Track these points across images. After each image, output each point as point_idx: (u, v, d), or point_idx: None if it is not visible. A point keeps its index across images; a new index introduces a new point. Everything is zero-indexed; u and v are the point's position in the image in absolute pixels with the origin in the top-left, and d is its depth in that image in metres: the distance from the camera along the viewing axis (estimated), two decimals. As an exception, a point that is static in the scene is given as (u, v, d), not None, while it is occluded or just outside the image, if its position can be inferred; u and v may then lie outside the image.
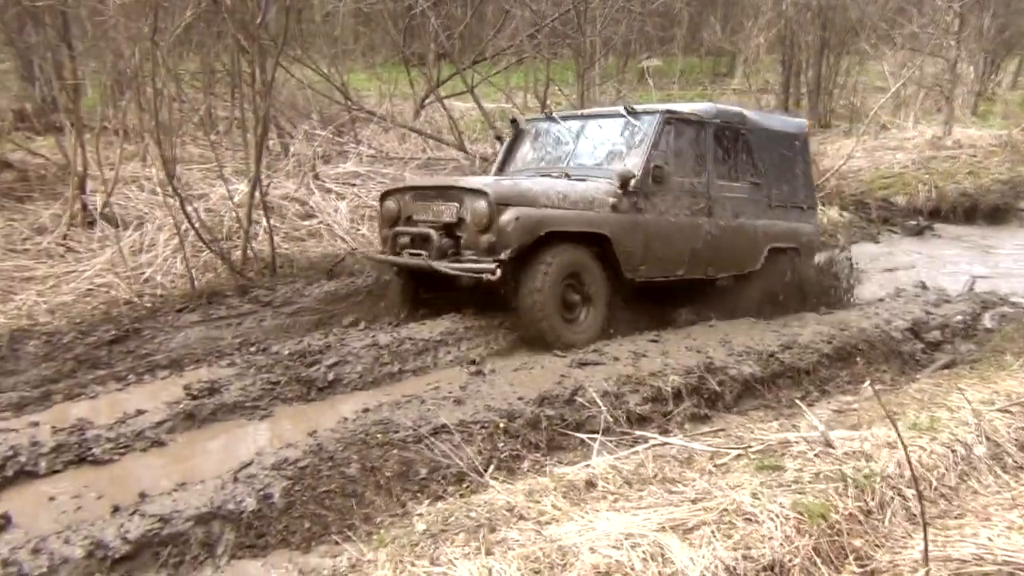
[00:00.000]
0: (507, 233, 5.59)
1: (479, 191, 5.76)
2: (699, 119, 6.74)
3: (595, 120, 6.98)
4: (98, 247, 7.27)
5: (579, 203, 5.95)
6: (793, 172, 7.58)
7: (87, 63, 9.29)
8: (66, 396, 4.99)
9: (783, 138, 7.51)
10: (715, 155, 6.84)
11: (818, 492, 3.33)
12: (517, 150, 7.46)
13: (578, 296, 5.99)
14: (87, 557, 3.18)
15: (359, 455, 3.93)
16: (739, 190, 7.04)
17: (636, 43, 17.13)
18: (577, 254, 5.90)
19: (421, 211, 6.23)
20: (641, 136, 6.45)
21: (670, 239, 6.44)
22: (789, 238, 7.45)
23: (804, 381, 5.60)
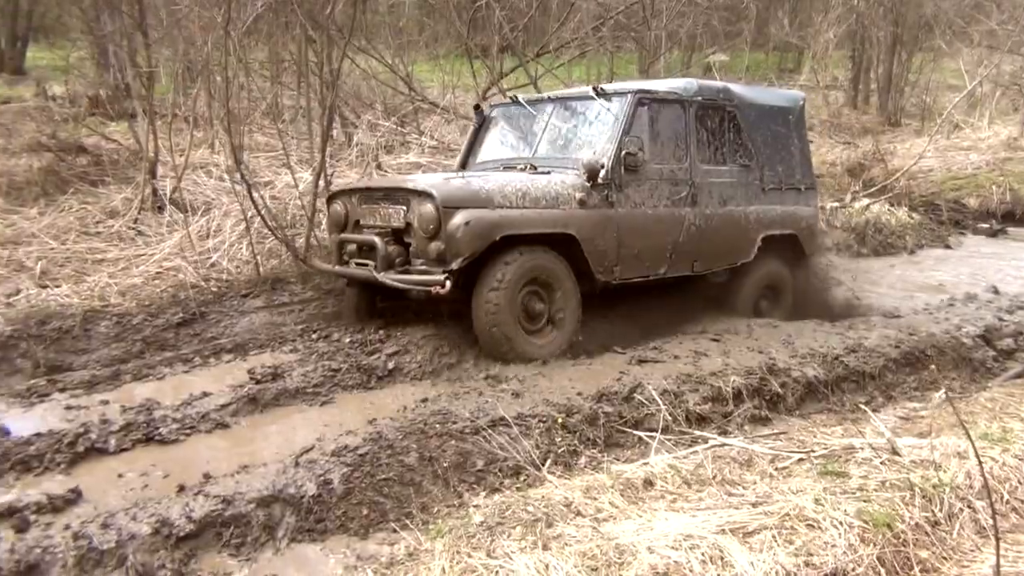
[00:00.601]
0: (456, 240, 5.02)
1: (425, 193, 5.19)
2: (677, 97, 6.10)
3: (563, 103, 6.32)
4: (167, 231, 7.44)
5: (541, 200, 5.39)
6: (788, 150, 6.89)
7: (161, 51, 9.50)
8: (135, 376, 5.13)
9: (776, 113, 6.84)
10: (698, 136, 6.19)
11: (884, 500, 3.25)
12: (482, 140, 6.82)
13: (543, 304, 5.44)
14: (153, 534, 3.26)
15: (417, 444, 3.96)
16: (727, 174, 6.41)
17: (702, 37, 16.90)
18: (541, 257, 5.34)
19: (369, 215, 5.70)
20: (612, 120, 5.82)
21: (648, 234, 5.87)
22: (786, 224, 6.78)
23: (869, 386, 5.46)
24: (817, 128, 15.62)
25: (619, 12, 12.30)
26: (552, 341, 5.45)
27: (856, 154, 14.39)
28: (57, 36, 16.18)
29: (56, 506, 3.45)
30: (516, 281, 5.19)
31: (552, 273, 5.39)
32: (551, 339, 5.46)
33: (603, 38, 12.65)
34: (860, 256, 10.12)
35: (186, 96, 9.69)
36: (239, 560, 3.31)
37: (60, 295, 6.04)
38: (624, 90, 5.95)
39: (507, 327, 5.19)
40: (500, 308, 5.12)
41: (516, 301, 5.23)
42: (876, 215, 11.49)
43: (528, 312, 5.36)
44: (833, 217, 10.63)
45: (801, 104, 7.17)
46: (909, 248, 10.96)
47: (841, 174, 13.11)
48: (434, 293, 5.04)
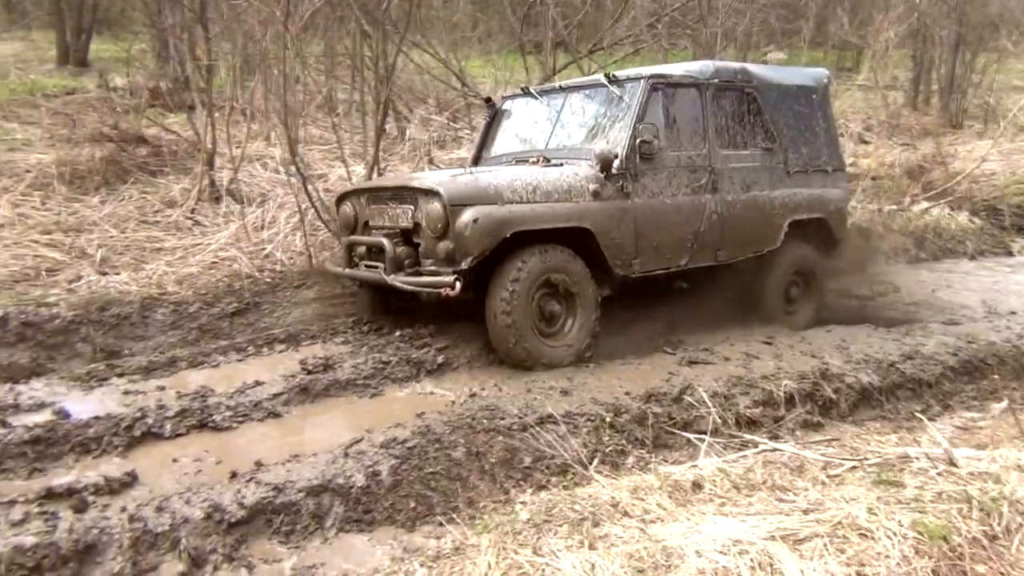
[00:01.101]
0: (465, 238, 4.86)
1: (432, 191, 5.05)
2: (693, 80, 5.89)
3: (576, 93, 6.14)
4: (223, 222, 7.57)
5: (553, 194, 5.20)
6: (813, 131, 6.64)
7: (220, 45, 9.66)
8: (190, 364, 5.24)
9: (798, 93, 6.59)
10: (716, 121, 5.99)
11: (940, 512, 3.18)
12: (494, 134, 6.67)
13: (559, 304, 5.25)
14: (206, 518, 3.33)
15: (465, 439, 3.98)
16: (748, 158, 6.18)
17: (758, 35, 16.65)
18: (555, 254, 5.14)
19: (377, 216, 5.59)
20: (625, 107, 5.62)
21: (667, 224, 5.66)
22: (814, 208, 6.54)
23: (926, 394, 5.34)
24: (875, 129, 15.30)
25: (674, 9, 12.18)
26: (569, 344, 5.28)
27: (916, 156, 14.05)
28: (120, 29, 16.55)
29: (113, 488, 3.54)
30: (530, 281, 5.02)
31: (568, 271, 5.20)
32: (568, 341, 5.29)
33: (658, 35, 12.53)
34: (919, 261, 9.88)
35: (243, 89, 9.84)
36: (288, 548, 3.36)
37: (119, 282, 6.18)
38: (637, 75, 5.77)
39: (521, 330, 5.02)
40: (514, 310, 4.96)
41: (531, 302, 5.07)
42: (936, 219, 11.22)
43: (543, 314, 5.20)
44: (891, 220, 10.40)
45: (825, 82, 6.91)
46: (969, 254, 10.68)
47: (900, 176, 12.79)
48: (444, 295, 4.90)
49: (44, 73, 13.16)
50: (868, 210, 10.39)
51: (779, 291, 6.48)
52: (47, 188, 7.70)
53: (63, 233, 6.92)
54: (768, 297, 6.42)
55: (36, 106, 9.99)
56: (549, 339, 5.24)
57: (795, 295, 6.65)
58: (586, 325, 5.32)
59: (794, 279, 6.60)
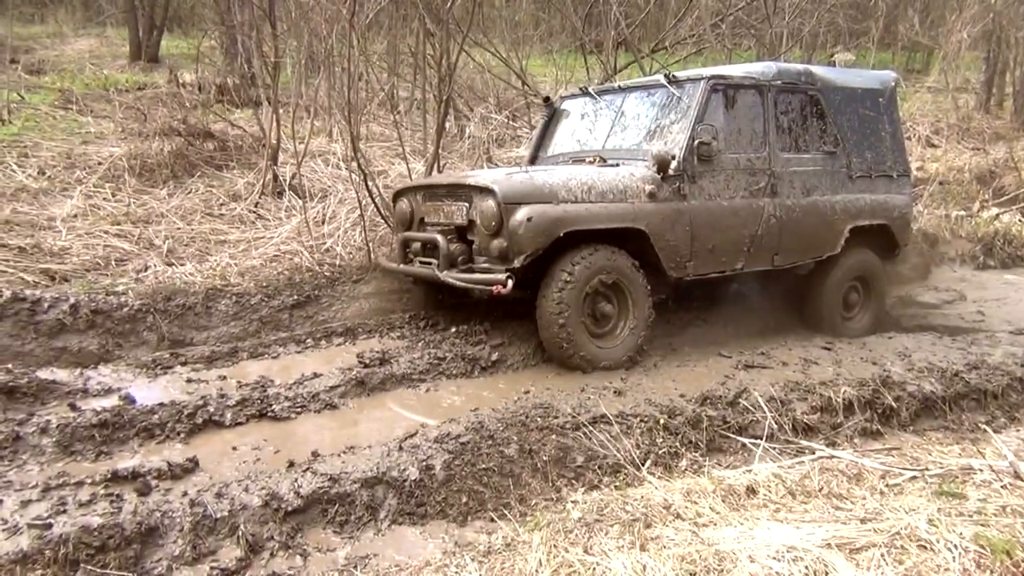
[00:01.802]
0: (519, 236, 4.87)
1: (486, 189, 5.06)
2: (755, 82, 5.83)
3: (634, 93, 6.09)
4: (285, 216, 7.71)
5: (608, 194, 5.17)
6: (878, 135, 6.51)
7: (287, 42, 9.82)
8: (251, 354, 5.36)
9: (864, 95, 6.45)
10: (777, 123, 5.92)
11: (1004, 526, 3.09)
12: (552, 133, 6.68)
13: (611, 305, 5.23)
14: (263, 506, 3.40)
15: (518, 436, 4.00)
16: (810, 162, 6.10)
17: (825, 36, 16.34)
18: (608, 255, 5.12)
19: (433, 213, 5.63)
20: (684, 108, 5.59)
21: (723, 227, 5.61)
22: (877, 214, 6.40)
23: (991, 405, 5.19)
24: (944, 132, 14.90)
25: (739, 8, 12.03)
26: (621, 345, 5.25)
27: (986, 161, 13.65)
28: (190, 26, 16.99)
29: (175, 473, 3.65)
30: (583, 281, 5.00)
31: (620, 272, 5.17)
32: (620, 343, 5.27)
33: (721, 35, 12.38)
34: (986, 268, 9.59)
35: (308, 86, 10.00)
36: (342, 537, 3.42)
37: (185, 273, 6.34)
38: (697, 76, 5.73)
39: (573, 330, 5.00)
40: (565, 309, 4.95)
41: (582, 302, 5.05)
42: (1006, 226, 10.87)
43: (595, 314, 5.18)
44: (958, 226, 10.11)
45: (892, 85, 6.75)
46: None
47: (969, 181, 12.44)
48: (495, 293, 4.89)
49: (117, 69, 13.56)
50: (935, 215, 10.12)
51: (837, 297, 6.39)
52: (118, 180, 7.93)
53: (132, 224, 7.11)
54: (826, 303, 6.35)
55: (109, 101, 10.29)
56: (600, 340, 5.22)
57: (854, 301, 6.55)
58: (639, 326, 5.31)
59: (853, 285, 6.51)
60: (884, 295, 6.78)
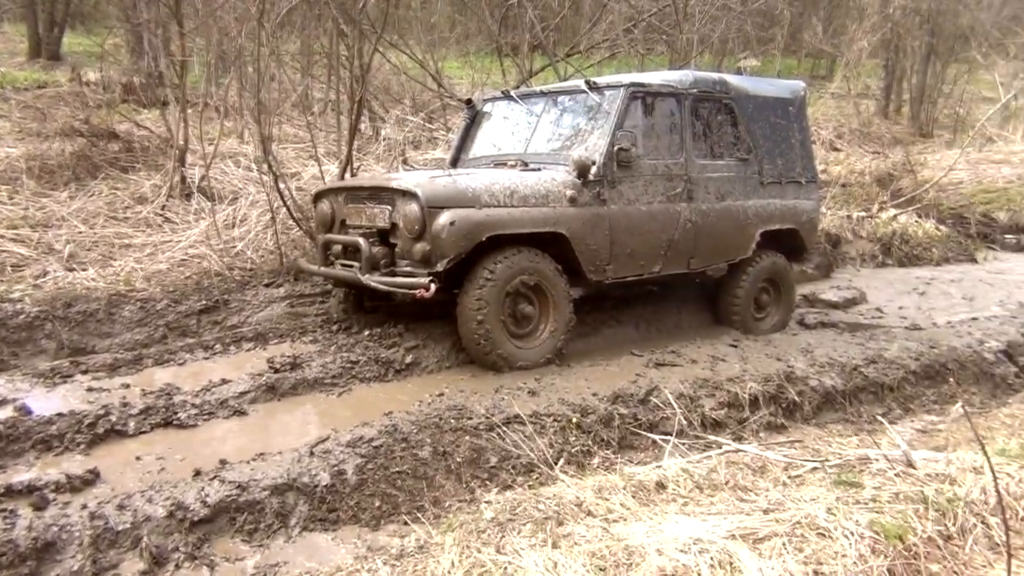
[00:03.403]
0: (441, 240, 4.87)
1: (410, 192, 5.04)
2: (672, 90, 5.90)
3: (555, 98, 6.15)
4: (194, 219, 7.52)
5: (530, 199, 5.21)
6: (788, 142, 6.68)
7: (195, 40, 9.59)
8: (156, 361, 5.20)
9: (775, 104, 6.63)
10: (694, 130, 6.01)
11: (896, 513, 3.23)
12: (473, 136, 6.68)
13: (531, 307, 5.28)
14: (168, 517, 3.31)
15: (432, 439, 3.99)
16: (724, 168, 6.22)
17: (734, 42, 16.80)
18: (529, 257, 5.16)
19: (355, 215, 5.57)
20: (604, 114, 5.64)
21: (642, 231, 5.69)
22: (786, 218, 6.60)
23: (887, 397, 5.43)
24: (847, 137, 15.49)
25: (651, 14, 12.27)
26: (540, 346, 5.30)
27: (885, 164, 14.24)
28: (94, 23, 16.41)
29: (74, 486, 3.52)
30: (503, 283, 5.03)
31: (541, 274, 5.22)
32: (539, 344, 5.31)
33: (634, 40, 12.61)
34: (885, 266, 10.02)
35: (218, 86, 9.79)
36: (251, 546, 3.36)
37: (86, 278, 6.12)
38: (617, 83, 5.78)
39: (493, 331, 5.03)
40: (486, 311, 4.97)
41: (503, 304, 5.08)
42: (903, 226, 11.37)
43: (516, 316, 5.21)
44: (859, 227, 10.54)
45: (802, 95, 6.97)
46: (935, 260, 10.84)
47: (869, 183, 12.97)
48: (418, 296, 4.88)
49: (15, 66, 13.01)
50: (838, 216, 10.52)
51: (749, 298, 6.55)
52: (15, 182, 7.61)
53: (30, 228, 6.84)
54: (739, 304, 6.49)
55: (6, 99, 9.87)
56: (520, 340, 5.26)
57: (765, 302, 6.73)
58: (559, 329, 5.36)
59: (764, 287, 6.68)
60: (793, 296, 6.99)
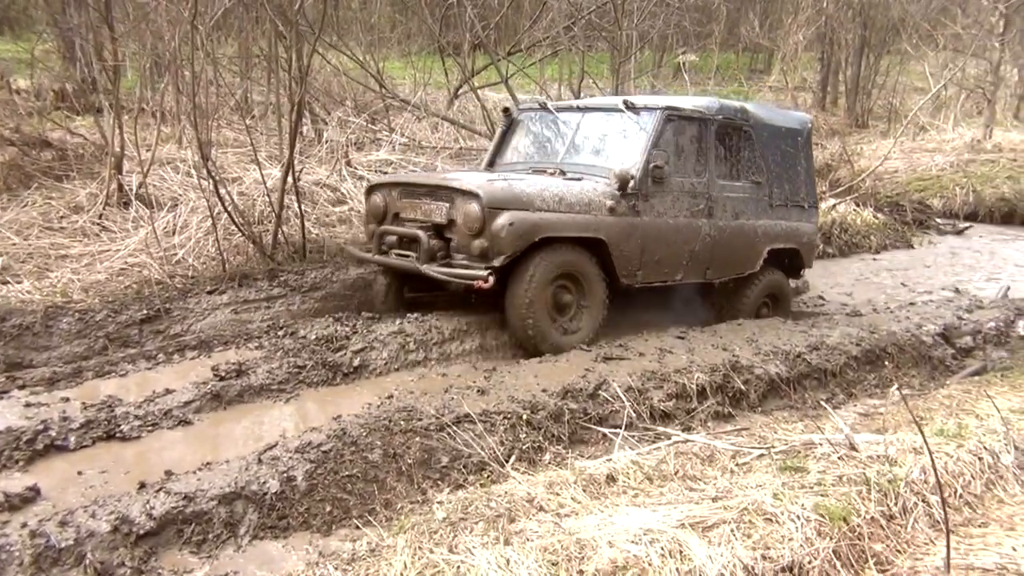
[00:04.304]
0: (500, 239, 5.32)
1: (472, 193, 5.45)
2: (701, 116, 6.37)
3: (592, 113, 6.59)
4: (132, 227, 7.35)
5: (575, 206, 5.68)
6: (795, 170, 7.21)
7: (127, 45, 9.37)
8: (97, 373, 5.07)
9: (786, 134, 7.14)
10: (717, 153, 6.50)
11: (841, 495, 3.30)
12: (510, 141, 7.11)
13: (571, 298, 5.75)
14: (112, 531, 3.24)
15: (382, 441, 3.96)
16: (740, 189, 6.72)
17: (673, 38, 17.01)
18: (572, 256, 5.66)
19: (409, 209, 5.94)
20: (640, 133, 6.10)
21: (668, 242, 6.16)
22: (789, 238, 7.13)
23: (831, 383, 5.55)
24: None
25: (591, 12, 12.35)
26: (578, 333, 5.75)
27: (823, 155, 14.57)
28: (22, 28, 15.93)
29: (13, 504, 3.43)
30: (548, 277, 5.52)
31: (582, 270, 5.72)
32: (578, 332, 5.75)
33: (575, 37, 12.68)
34: (825, 256, 10.23)
35: (154, 91, 9.58)
36: (200, 557, 3.30)
37: (21, 291, 5.95)
38: (653, 105, 6.20)
39: (539, 320, 5.50)
40: (533, 302, 5.44)
41: (547, 296, 5.56)
42: (842, 215, 11.64)
43: (558, 307, 5.68)
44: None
45: (809, 127, 7.48)
46: (874, 248, 11.12)
47: (808, 174, 13.24)
48: (477, 287, 5.31)
49: (-61, 74, 12.56)
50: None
51: (753, 309, 6.97)
52: (-58, 194, 7.37)
53: (-40, 241, 6.62)
54: (743, 314, 6.86)
55: (-70, 109, 9.53)
56: (560, 328, 5.72)
57: (765, 315, 7.07)
58: (594, 320, 5.84)
59: (765, 301, 7.09)
60: (789, 309, 7.38)
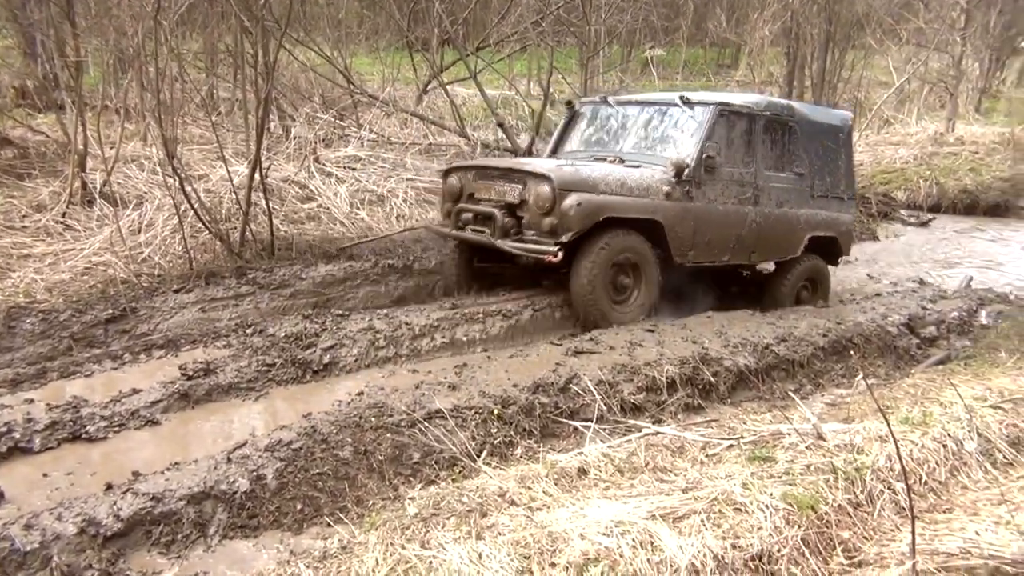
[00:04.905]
0: (569, 217, 5.86)
1: (544, 176, 5.99)
2: (751, 111, 6.88)
3: (649, 107, 7.16)
4: (97, 226, 7.24)
5: (635, 190, 6.20)
6: (836, 164, 7.71)
7: (90, 41, 9.23)
8: (61, 374, 4.99)
9: (828, 130, 7.61)
10: (763, 146, 7.00)
11: (808, 484, 3.34)
12: (571, 131, 7.70)
13: (628, 279, 6.28)
14: (79, 534, 3.20)
15: (353, 438, 3.95)
16: (784, 180, 7.21)
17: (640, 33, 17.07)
18: (630, 238, 6.18)
19: (484, 190, 6.53)
20: (695, 126, 6.64)
21: (717, 226, 6.70)
22: (829, 227, 7.63)
23: (798, 373, 5.61)
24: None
25: (559, 7, 12.35)
26: (634, 309, 6.27)
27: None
28: (-19, 25, 15.62)
29: (-24, 508, 3.37)
30: (609, 258, 6.04)
31: (639, 252, 6.23)
32: (633, 307, 6.27)
33: (543, 33, 12.68)
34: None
35: (117, 87, 9.44)
36: (169, 558, 3.27)
37: (-17, 292, 5.85)
38: (707, 101, 6.73)
39: (599, 297, 6.03)
40: (595, 280, 5.98)
41: (608, 275, 6.09)
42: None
43: (616, 285, 6.20)
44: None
45: (850, 124, 8.00)
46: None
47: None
48: (547, 261, 5.88)
49: None
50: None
51: (793, 293, 7.47)
52: (-101, 194, 7.21)
53: (-81, 242, 6.49)
54: (783, 295, 7.38)
55: None
56: (618, 305, 6.23)
57: (805, 298, 7.58)
58: (649, 297, 6.35)
59: (805, 284, 7.61)
60: (827, 291, 7.87)
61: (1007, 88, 21.65)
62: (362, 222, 8.47)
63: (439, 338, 5.67)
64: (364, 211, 8.70)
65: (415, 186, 9.58)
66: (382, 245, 7.97)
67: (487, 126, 12.40)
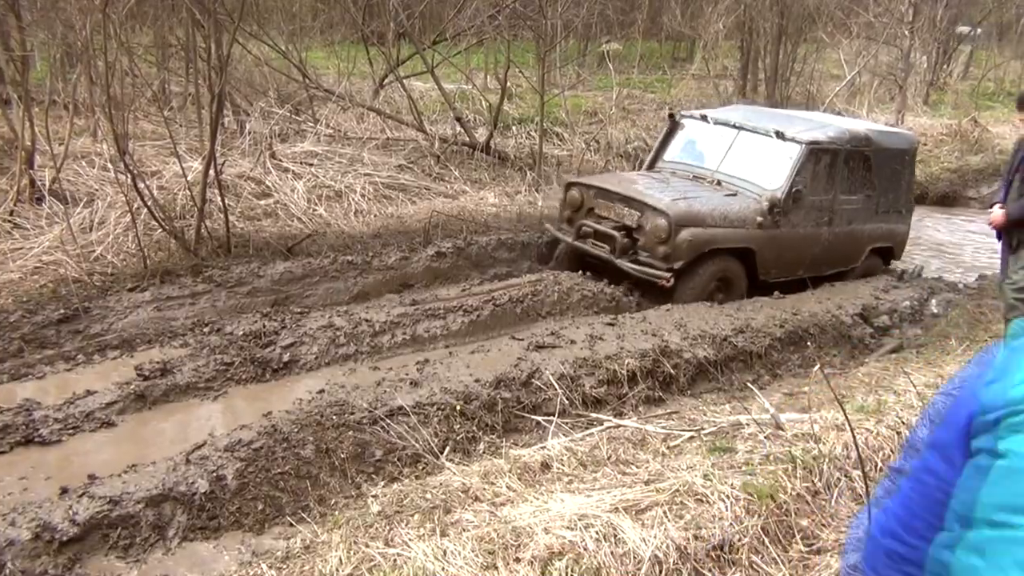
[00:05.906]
0: (682, 249, 6.57)
1: (663, 212, 6.65)
2: (836, 146, 7.42)
3: (746, 133, 7.64)
4: (46, 224, 7.07)
5: (735, 222, 6.90)
6: (900, 182, 8.29)
7: (36, 34, 9.01)
8: (12, 376, 4.88)
9: (897, 154, 8.15)
10: (842, 175, 7.60)
11: (768, 473, 3.40)
12: (671, 142, 8.22)
13: (721, 292, 6.99)
14: (34, 539, 3.15)
15: (314, 437, 3.92)
16: (855, 201, 7.82)
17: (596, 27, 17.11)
18: (727, 262, 6.97)
19: (604, 208, 7.19)
20: (787, 160, 7.20)
21: (798, 248, 7.41)
22: (887, 238, 8.36)
23: (756, 364, 5.69)
24: (709, 116, 16.02)
25: (515, 1, 12.31)
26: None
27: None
28: (-80, 17, 15.16)
29: (-74, 515, 3.28)
30: (710, 278, 6.83)
31: (732, 271, 7.03)
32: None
33: (500, 26, 12.64)
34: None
35: (65, 82, 9.22)
36: (128, 562, 3.24)
37: (-72, 293, 5.68)
38: (800, 139, 7.20)
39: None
40: (697, 295, 6.66)
41: (706, 290, 6.81)
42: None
43: (710, 297, 6.82)
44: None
45: (915, 146, 8.67)
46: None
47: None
48: (660, 284, 6.55)
49: None
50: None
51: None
52: None
53: None
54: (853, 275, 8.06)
55: None
56: None
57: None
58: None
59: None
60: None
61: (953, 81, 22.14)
62: (320, 218, 8.39)
63: (400, 335, 5.63)
64: (322, 207, 8.61)
65: (373, 181, 9.51)
66: (340, 241, 7.90)
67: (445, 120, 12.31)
